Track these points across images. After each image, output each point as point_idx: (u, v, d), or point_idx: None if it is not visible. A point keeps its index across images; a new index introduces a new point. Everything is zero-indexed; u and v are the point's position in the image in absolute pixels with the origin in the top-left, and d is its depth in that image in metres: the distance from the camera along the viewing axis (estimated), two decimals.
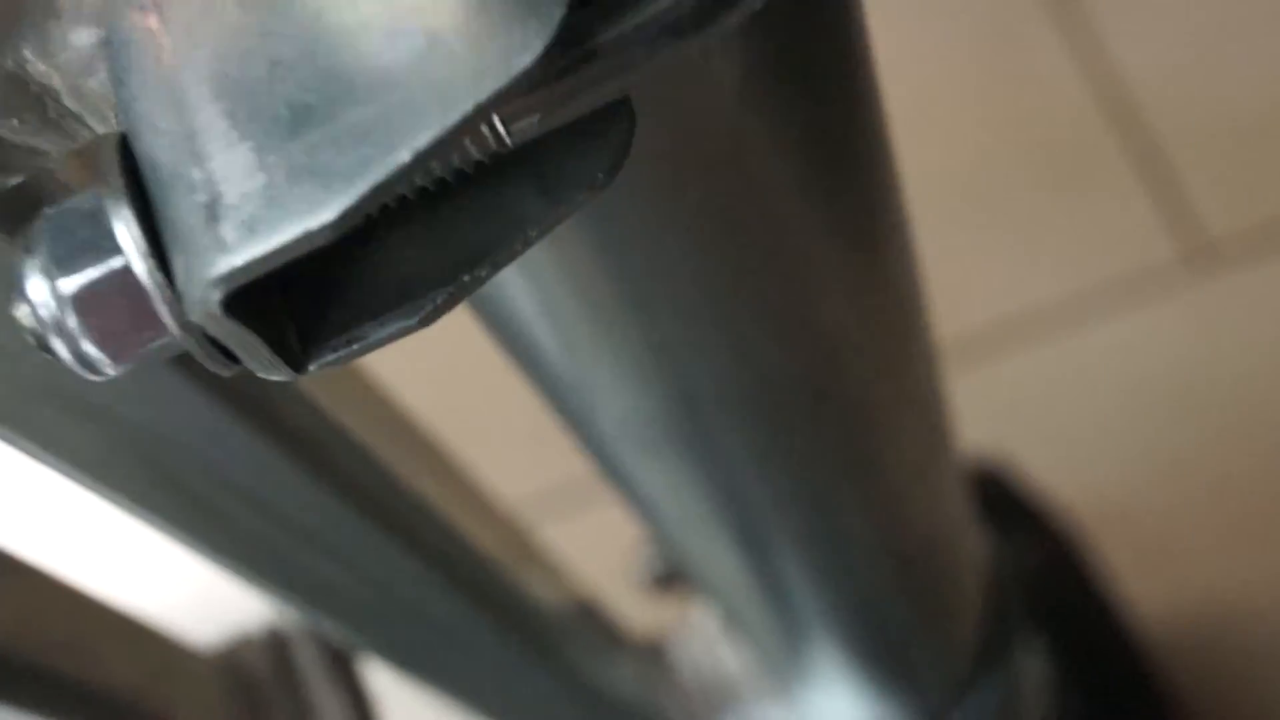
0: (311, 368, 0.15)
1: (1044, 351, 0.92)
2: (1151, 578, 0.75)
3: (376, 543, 0.33)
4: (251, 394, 0.26)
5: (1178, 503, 0.86)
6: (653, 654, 0.43)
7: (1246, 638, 0.83)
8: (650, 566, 0.45)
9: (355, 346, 0.15)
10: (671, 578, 0.45)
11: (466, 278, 0.15)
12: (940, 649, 0.42)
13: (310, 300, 0.15)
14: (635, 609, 0.46)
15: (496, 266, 0.15)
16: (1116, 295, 0.93)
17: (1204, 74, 0.98)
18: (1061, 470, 0.81)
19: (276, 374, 0.15)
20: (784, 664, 0.41)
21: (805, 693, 0.41)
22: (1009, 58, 1.03)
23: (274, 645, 0.34)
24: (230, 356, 0.15)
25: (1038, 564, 0.64)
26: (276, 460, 0.28)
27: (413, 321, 0.15)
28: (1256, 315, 0.91)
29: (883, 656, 0.40)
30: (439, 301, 0.15)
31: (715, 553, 0.33)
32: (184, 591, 0.63)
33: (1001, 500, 0.72)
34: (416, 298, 0.15)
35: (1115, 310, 0.93)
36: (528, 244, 0.15)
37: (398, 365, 0.38)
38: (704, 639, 0.43)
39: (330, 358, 0.15)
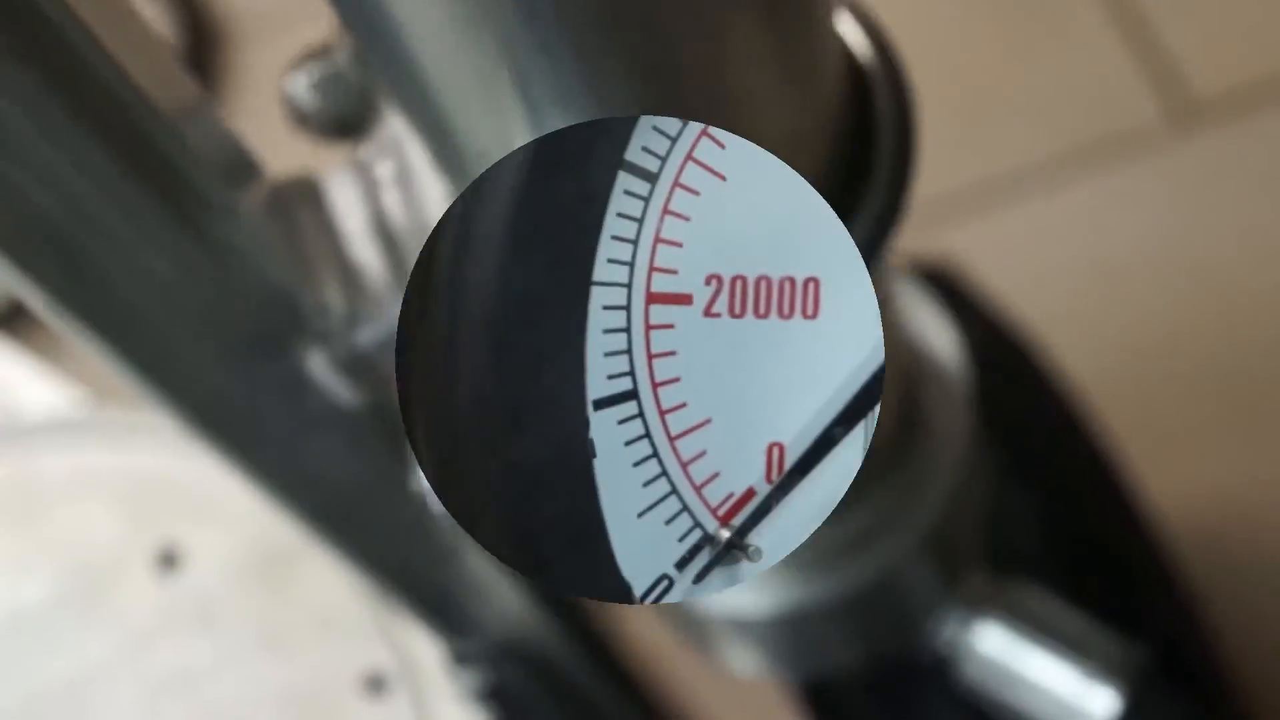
0: None
1: (1018, 216, 0.85)
2: (1135, 467, 0.64)
3: None
4: None
5: (1161, 384, 0.79)
6: (303, 199, 0.29)
7: (1239, 528, 0.74)
8: (308, 89, 0.31)
9: None
10: (344, 116, 0.31)
11: None
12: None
13: None
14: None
15: None
16: (1096, 157, 0.86)
17: None
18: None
19: None
20: None
21: None
22: None
23: None
24: None
25: (990, 364, 0.56)
26: None
27: None
28: (1241, 177, 0.84)
29: None
30: None
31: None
32: None
33: (951, 301, 0.64)
34: None
35: (1095, 173, 0.85)
36: None
37: None
38: (385, 178, 0.29)
39: None
